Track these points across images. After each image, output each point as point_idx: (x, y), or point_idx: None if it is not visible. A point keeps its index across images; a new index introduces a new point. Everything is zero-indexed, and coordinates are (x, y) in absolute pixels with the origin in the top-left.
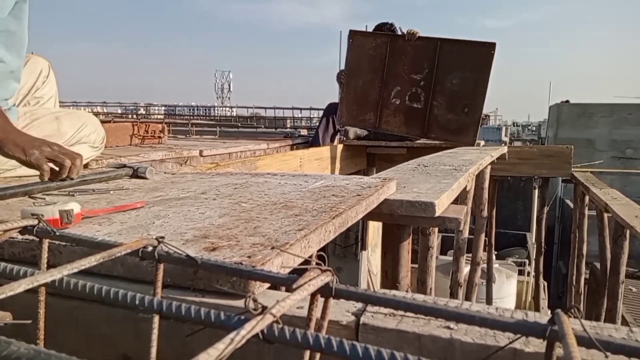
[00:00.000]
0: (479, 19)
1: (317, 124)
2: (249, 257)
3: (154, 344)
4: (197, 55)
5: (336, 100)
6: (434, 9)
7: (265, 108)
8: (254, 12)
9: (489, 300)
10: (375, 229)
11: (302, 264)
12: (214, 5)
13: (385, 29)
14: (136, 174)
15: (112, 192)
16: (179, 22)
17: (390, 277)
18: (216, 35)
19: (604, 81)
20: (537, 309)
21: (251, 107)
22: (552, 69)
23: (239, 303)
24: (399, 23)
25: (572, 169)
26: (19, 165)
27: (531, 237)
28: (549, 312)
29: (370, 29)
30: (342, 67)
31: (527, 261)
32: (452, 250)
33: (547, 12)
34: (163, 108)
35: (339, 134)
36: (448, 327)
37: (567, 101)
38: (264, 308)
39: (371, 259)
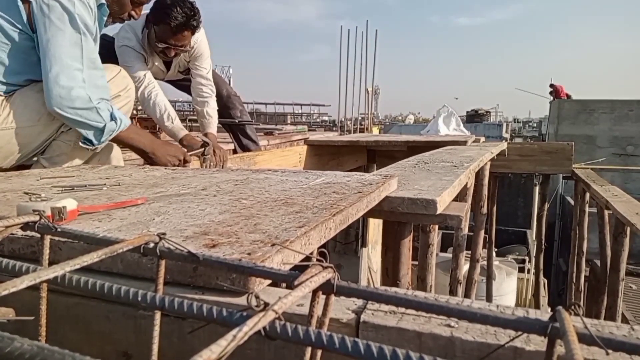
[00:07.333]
0: (452, 17)
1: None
2: (249, 254)
3: (156, 340)
4: None
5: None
6: (407, 9)
7: (266, 104)
8: (230, 11)
9: (488, 298)
10: (375, 226)
11: (302, 260)
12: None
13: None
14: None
15: (109, 187)
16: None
17: (390, 275)
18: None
19: (607, 77)
20: (537, 306)
21: (251, 103)
22: (553, 66)
23: (239, 300)
24: (371, 23)
25: (573, 166)
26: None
27: (531, 234)
28: (549, 309)
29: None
30: (342, 64)
31: (527, 258)
32: (452, 248)
33: (520, 10)
34: None
35: None
36: (448, 325)
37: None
38: (266, 305)
39: (371, 256)
